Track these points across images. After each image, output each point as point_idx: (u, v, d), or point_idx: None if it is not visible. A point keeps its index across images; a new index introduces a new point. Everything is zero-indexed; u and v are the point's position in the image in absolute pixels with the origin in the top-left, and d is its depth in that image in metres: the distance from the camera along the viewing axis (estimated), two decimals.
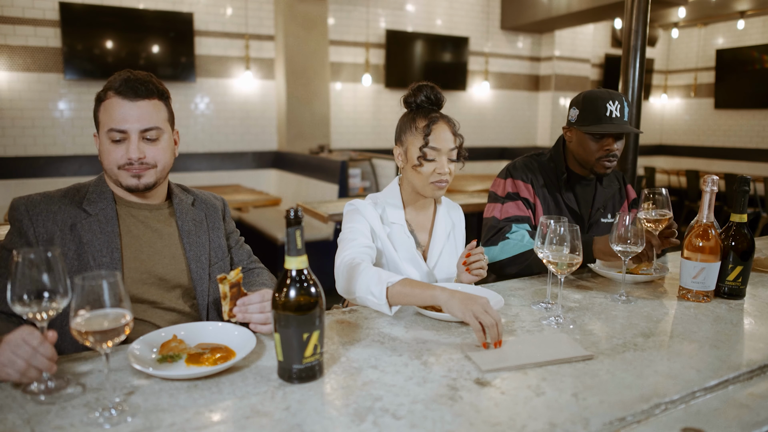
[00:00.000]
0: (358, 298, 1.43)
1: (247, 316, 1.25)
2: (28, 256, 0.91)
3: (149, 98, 1.39)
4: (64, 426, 0.90)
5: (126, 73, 1.38)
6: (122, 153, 1.38)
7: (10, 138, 5.16)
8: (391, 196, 1.70)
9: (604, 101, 1.84)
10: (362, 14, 6.67)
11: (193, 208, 1.56)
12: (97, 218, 1.39)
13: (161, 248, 1.46)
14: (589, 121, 1.86)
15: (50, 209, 1.37)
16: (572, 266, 1.38)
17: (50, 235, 1.34)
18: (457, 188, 5.43)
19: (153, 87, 1.40)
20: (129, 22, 5.38)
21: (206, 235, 1.54)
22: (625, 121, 1.86)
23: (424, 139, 1.58)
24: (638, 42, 2.61)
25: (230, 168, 6.14)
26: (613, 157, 1.88)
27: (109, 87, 1.38)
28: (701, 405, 1.00)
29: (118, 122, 1.36)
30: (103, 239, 1.37)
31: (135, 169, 1.39)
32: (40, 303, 0.93)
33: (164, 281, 1.44)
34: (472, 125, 7.72)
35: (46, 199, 1.39)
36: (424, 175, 1.60)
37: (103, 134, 1.38)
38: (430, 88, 1.63)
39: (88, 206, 1.40)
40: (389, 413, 0.94)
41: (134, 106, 1.37)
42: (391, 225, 1.66)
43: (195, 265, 1.49)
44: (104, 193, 1.43)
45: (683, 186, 7.66)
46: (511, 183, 1.98)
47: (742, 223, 1.59)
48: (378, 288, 1.36)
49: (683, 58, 9.30)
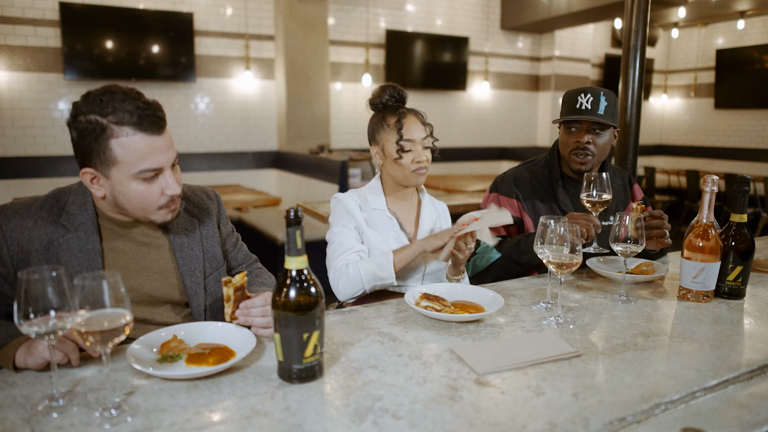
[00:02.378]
0: (367, 284, 1.62)
1: (249, 320, 1.24)
2: (32, 276, 0.89)
3: (165, 127, 1.27)
4: (64, 426, 0.90)
5: (128, 100, 1.19)
6: (159, 192, 1.26)
7: (10, 138, 5.17)
8: (371, 187, 1.82)
9: (577, 94, 1.88)
10: (362, 14, 6.67)
11: (186, 216, 1.45)
12: (77, 234, 1.27)
13: (149, 263, 1.36)
14: (562, 113, 1.92)
15: (25, 224, 1.25)
16: (572, 266, 1.38)
17: (25, 254, 1.24)
18: (457, 188, 5.43)
19: (163, 113, 1.26)
20: (129, 22, 5.38)
21: (200, 246, 1.44)
22: (598, 114, 1.84)
23: (398, 133, 1.69)
24: (638, 42, 2.62)
25: (230, 168, 6.14)
26: (583, 150, 1.89)
27: (117, 120, 1.18)
28: (701, 405, 1.00)
29: (152, 161, 1.22)
30: (83, 258, 1.26)
31: (175, 204, 1.30)
32: (47, 322, 0.90)
33: (153, 298, 1.36)
34: (472, 125, 7.72)
35: (22, 211, 1.27)
36: (404, 166, 1.70)
37: (124, 176, 1.22)
38: (392, 87, 1.76)
39: (67, 221, 1.27)
40: (389, 413, 0.94)
41: (160, 140, 1.23)
42: (372, 211, 1.76)
43: (189, 280, 1.40)
44: (85, 205, 1.30)
45: (683, 186, 7.65)
46: (495, 198, 2.03)
47: (742, 223, 1.59)
48: (385, 261, 1.61)
49: (683, 58, 9.30)
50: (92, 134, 1.19)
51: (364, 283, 1.61)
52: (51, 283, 0.90)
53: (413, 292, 1.50)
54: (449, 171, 7.38)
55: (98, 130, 1.18)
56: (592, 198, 1.73)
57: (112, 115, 1.18)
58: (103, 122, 1.18)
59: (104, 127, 1.18)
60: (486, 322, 1.39)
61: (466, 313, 1.39)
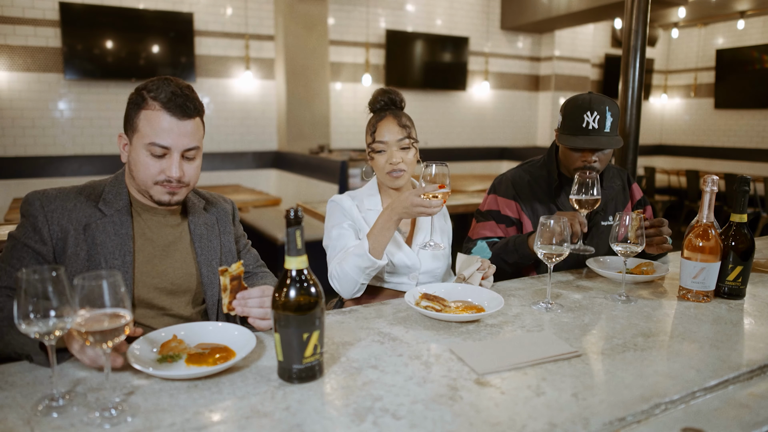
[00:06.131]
0: (358, 277, 1.60)
1: (246, 310, 1.25)
2: (32, 276, 0.90)
3: (193, 117, 1.36)
4: (64, 426, 0.90)
5: (171, 85, 1.33)
6: (160, 169, 1.35)
7: (10, 138, 5.17)
8: (367, 189, 1.84)
9: (583, 111, 1.80)
10: (362, 14, 6.67)
11: (205, 212, 1.55)
12: (112, 219, 1.37)
13: (173, 252, 1.45)
14: (567, 130, 1.85)
15: (65, 206, 1.34)
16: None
17: (64, 234, 1.32)
18: (457, 188, 5.43)
19: (198, 105, 1.37)
20: (129, 22, 5.38)
21: (218, 239, 1.53)
22: (605, 132, 1.80)
23: (371, 135, 1.74)
24: (638, 42, 2.61)
25: (230, 168, 6.14)
26: (591, 168, 1.85)
27: (153, 96, 1.32)
28: (701, 405, 1.00)
29: (163, 138, 1.32)
30: (117, 241, 1.36)
31: (172, 186, 1.36)
32: (47, 322, 0.90)
33: (174, 285, 1.43)
34: (472, 125, 7.72)
35: (62, 195, 1.36)
36: (378, 167, 1.74)
37: (139, 144, 1.34)
38: (387, 91, 1.78)
39: (104, 206, 1.38)
40: (389, 413, 0.94)
41: (181, 125, 1.33)
42: (367, 211, 1.77)
43: (206, 270, 1.48)
44: (120, 194, 1.41)
45: (683, 186, 7.66)
46: (494, 200, 2.02)
47: (742, 223, 1.59)
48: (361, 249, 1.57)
49: (683, 58, 9.31)
50: (134, 103, 1.35)
51: (355, 276, 1.61)
52: (51, 283, 0.90)
53: (413, 292, 1.50)
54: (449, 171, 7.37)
55: (139, 100, 1.34)
56: (579, 198, 1.70)
57: (153, 92, 1.33)
58: (144, 95, 1.34)
59: (144, 98, 1.33)
60: (486, 322, 1.39)
61: (466, 313, 1.39)
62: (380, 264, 1.59)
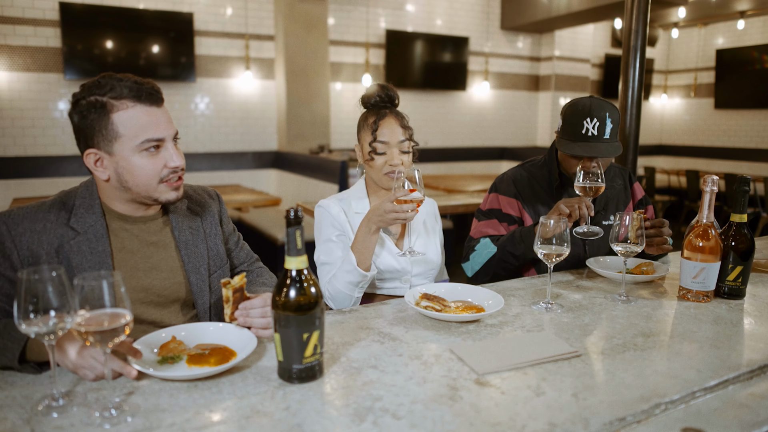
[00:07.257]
0: (351, 292, 1.61)
1: (249, 321, 1.23)
2: (32, 276, 0.89)
3: (163, 102, 1.31)
4: (64, 426, 0.90)
5: (123, 79, 1.24)
6: (162, 164, 1.28)
7: (10, 138, 5.17)
8: (356, 191, 1.81)
9: (583, 117, 1.79)
10: (362, 14, 6.67)
11: (189, 214, 1.47)
12: (86, 237, 1.27)
13: (158, 262, 1.37)
14: (567, 136, 1.84)
15: (34, 228, 1.24)
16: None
17: (35, 258, 1.23)
18: (457, 188, 5.43)
19: (159, 89, 1.31)
20: (129, 22, 5.38)
21: (204, 243, 1.46)
22: (604, 139, 1.79)
23: (372, 134, 1.69)
24: (638, 42, 2.61)
25: (230, 168, 6.14)
26: (591, 174, 1.86)
27: (115, 95, 1.23)
28: (701, 405, 1.00)
29: (154, 131, 1.25)
30: (94, 260, 1.27)
31: (176, 178, 1.31)
32: (47, 322, 0.90)
33: (162, 297, 1.37)
34: (472, 125, 7.72)
35: (30, 215, 1.26)
36: (376, 168, 1.70)
37: (128, 148, 1.24)
38: (383, 87, 1.74)
39: (76, 223, 1.28)
40: (389, 413, 0.94)
41: (159, 112, 1.28)
42: (355, 215, 1.74)
43: (195, 278, 1.42)
44: (92, 207, 1.31)
45: (683, 186, 7.65)
46: (495, 198, 2.01)
47: (742, 223, 1.59)
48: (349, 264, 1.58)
49: (683, 58, 9.30)
50: (93, 113, 1.23)
51: (348, 292, 1.62)
52: (51, 283, 0.90)
53: (413, 292, 1.50)
54: (449, 171, 7.38)
55: (98, 106, 1.22)
56: (584, 185, 1.69)
57: (111, 92, 1.22)
58: (103, 99, 1.22)
59: (104, 103, 1.22)
60: (486, 322, 1.39)
61: (466, 313, 1.39)
62: (370, 275, 1.61)
